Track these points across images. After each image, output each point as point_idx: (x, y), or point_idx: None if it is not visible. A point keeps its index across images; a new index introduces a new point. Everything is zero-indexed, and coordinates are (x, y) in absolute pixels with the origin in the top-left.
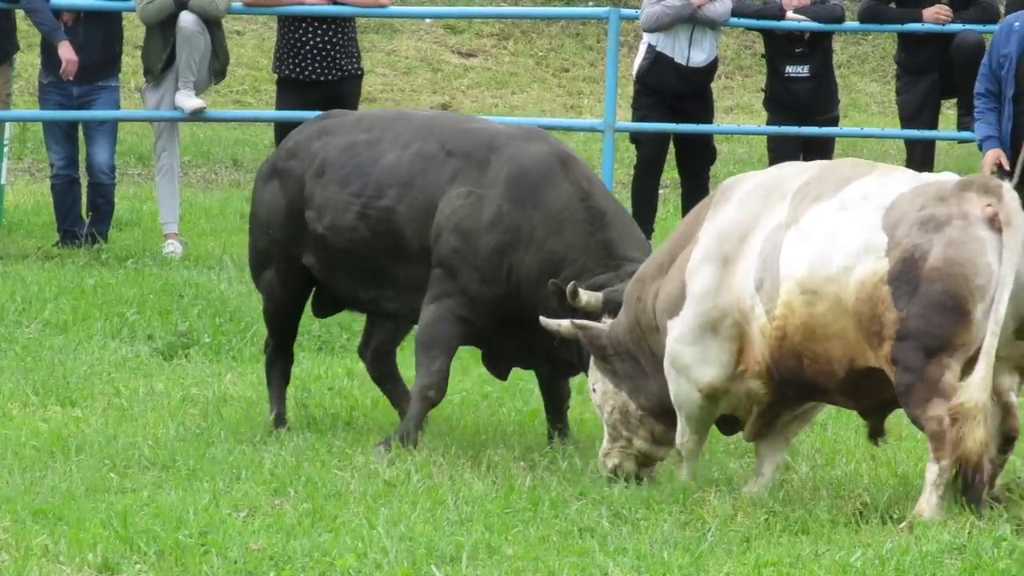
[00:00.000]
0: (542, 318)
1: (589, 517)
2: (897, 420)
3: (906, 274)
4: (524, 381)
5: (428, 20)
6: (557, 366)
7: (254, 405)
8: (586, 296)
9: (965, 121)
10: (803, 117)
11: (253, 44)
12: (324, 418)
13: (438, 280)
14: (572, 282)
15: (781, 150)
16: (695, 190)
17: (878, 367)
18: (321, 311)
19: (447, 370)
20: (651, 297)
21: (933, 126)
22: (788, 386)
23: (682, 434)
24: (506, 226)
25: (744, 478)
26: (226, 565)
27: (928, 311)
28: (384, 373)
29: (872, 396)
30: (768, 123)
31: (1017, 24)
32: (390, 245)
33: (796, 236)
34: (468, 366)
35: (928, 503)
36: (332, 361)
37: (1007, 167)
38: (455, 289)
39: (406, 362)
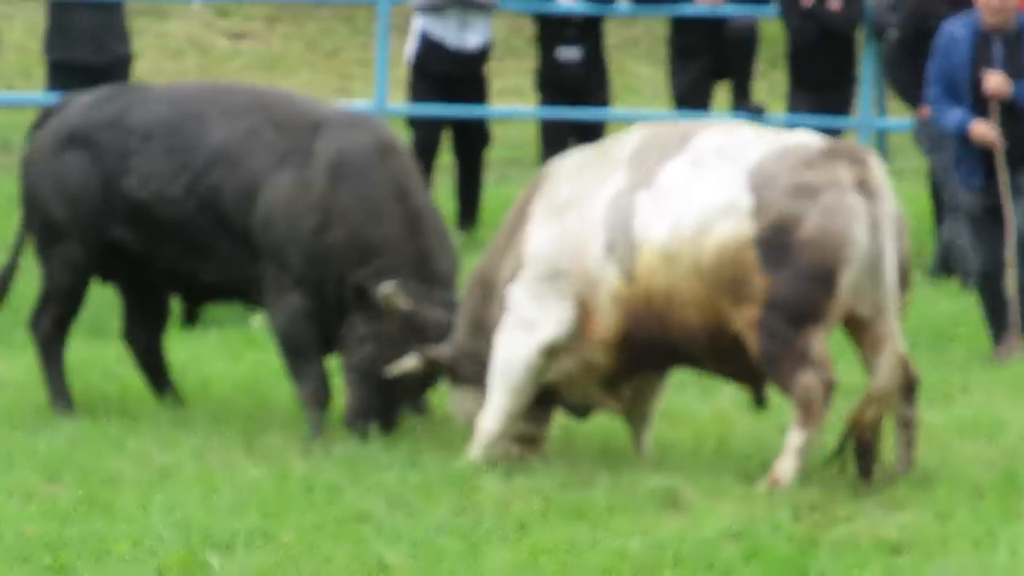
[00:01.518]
0: (388, 369)
1: (364, 503)
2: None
3: (776, 239)
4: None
5: (197, 3)
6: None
7: (26, 390)
8: (397, 298)
9: (741, 103)
10: (575, 100)
11: (23, 27)
12: (97, 403)
13: (275, 277)
14: (392, 282)
15: (553, 133)
16: (469, 174)
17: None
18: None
19: (321, 369)
20: (502, 285)
21: (706, 107)
22: (649, 354)
23: (495, 410)
24: (324, 207)
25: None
26: (1, 551)
27: (799, 280)
28: (152, 363)
29: (741, 362)
30: (540, 106)
31: (959, 32)
32: (215, 219)
33: (650, 197)
34: (241, 352)
35: (788, 469)
36: (103, 345)
37: (998, 148)
38: (291, 281)
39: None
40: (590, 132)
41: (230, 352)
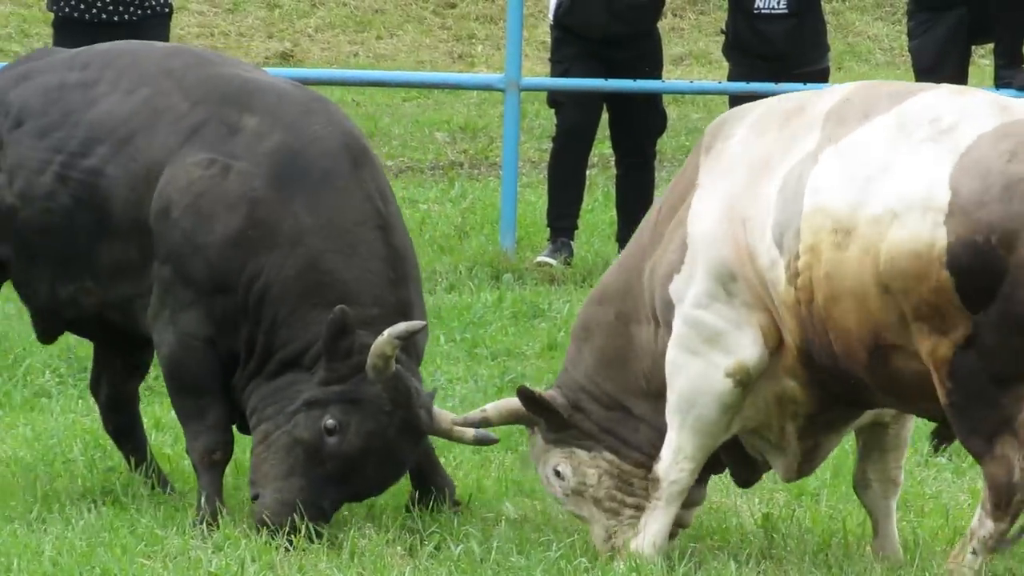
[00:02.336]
0: (456, 428)
1: None
2: None
3: (978, 264)
4: None
5: None
6: None
7: (29, 469)
8: (391, 347)
9: (1006, 76)
10: (779, 69)
11: None
12: (128, 486)
13: (168, 285)
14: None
15: None
16: (636, 170)
17: (913, 350)
18: (44, 330)
19: (225, 418)
20: (660, 285)
21: (960, 80)
22: (828, 380)
23: (675, 457)
24: (257, 215)
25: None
26: None
27: (1013, 327)
28: (122, 425)
29: (921, 398)
30: (731, 78)
31: None
32: (94, 219)
33: (831, 158)
34: None
35: (968, 564)
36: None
37: None
38: (190, 296)
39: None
40: None
41: None
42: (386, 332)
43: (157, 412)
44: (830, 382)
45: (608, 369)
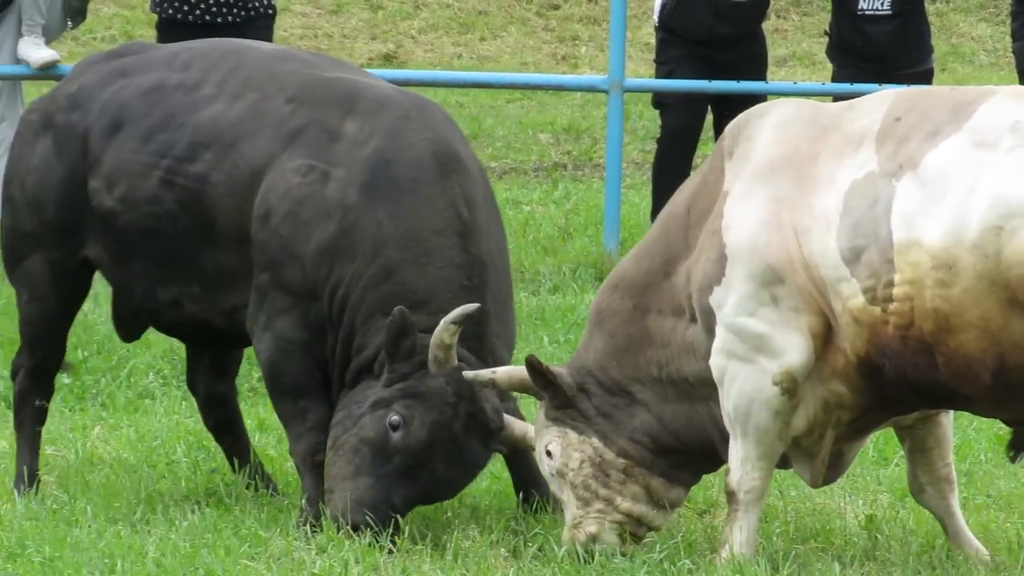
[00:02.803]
0: (466, 372)
1: None
2: None
3: None
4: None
5: None
6: None
7: (133, 470)
8: (448, 335)
9: None
10: (883, 70)
11: None
12: (231, 487)
13: (266, 291)
14: (451, 316)
15: None
16: None
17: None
18: (127, 330)
19: (325, 420)
20: (695, 288)
21: None
22: (901, 390)
23: (743, 464)
24: (347, 223)
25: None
26: None
27: None
28: (222, 419)
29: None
30: (835, 79)
31: None
32: (198, 225)
33: (915, 188)
34: None
35: None
36: (246, 409)
37: None
38: (287, 302)
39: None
40: None
41: None
42: (441, 321)
43: (261, 413)
44: (895, 391)
45: (618, 355)
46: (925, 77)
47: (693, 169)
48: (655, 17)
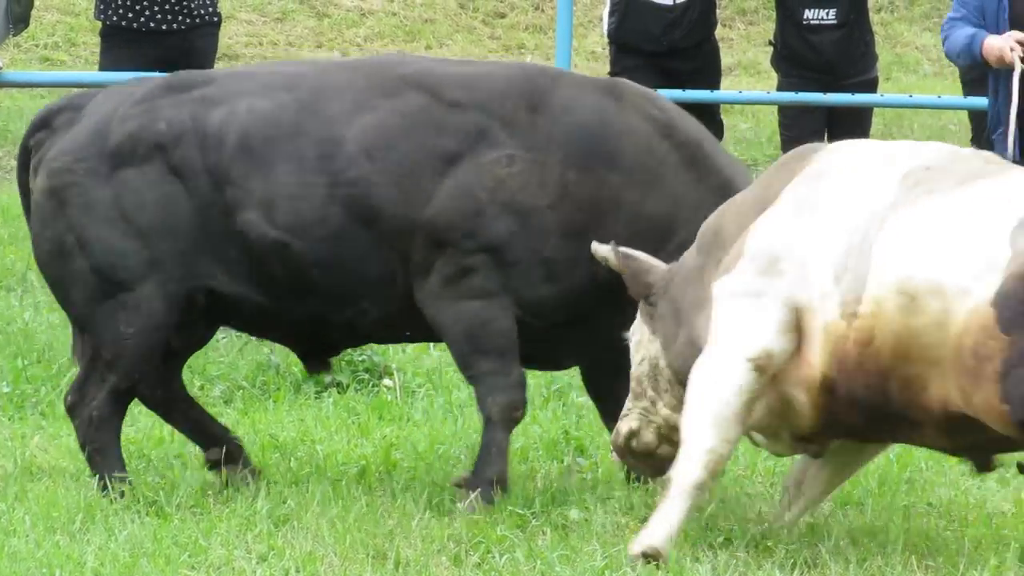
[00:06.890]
0: (594, 245)
1: None
2: None
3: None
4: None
5: None
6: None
7: (73, 479)
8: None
9: None
10: (828, 80)
11: None
12: (170, 496)
13: (482, 270)
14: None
15: (799, 125)
16: None
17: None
18: (314, 362)
19: (525, 379)
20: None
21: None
22: (852, 414)
23: (697, 451)
24: (579, 201)
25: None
26: None
27: None
28: (187, 413)
29: (971, 436)
30: (780, 88)
31: None
32: (369, 235)
33: (907, 224)
34: (369, 424)
35: None
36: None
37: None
38: (504, 287)
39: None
40: (849, 122)
41: (352, 424)
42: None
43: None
44: (842, 412)
45: (687, 275)
46: (869, 86)
47: None
48: (604, 30)
